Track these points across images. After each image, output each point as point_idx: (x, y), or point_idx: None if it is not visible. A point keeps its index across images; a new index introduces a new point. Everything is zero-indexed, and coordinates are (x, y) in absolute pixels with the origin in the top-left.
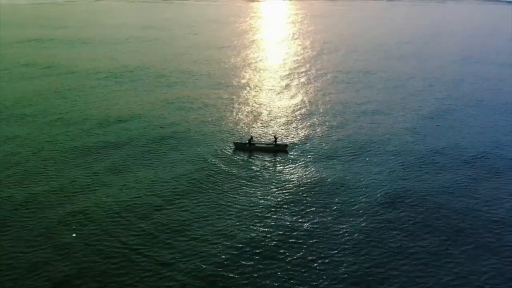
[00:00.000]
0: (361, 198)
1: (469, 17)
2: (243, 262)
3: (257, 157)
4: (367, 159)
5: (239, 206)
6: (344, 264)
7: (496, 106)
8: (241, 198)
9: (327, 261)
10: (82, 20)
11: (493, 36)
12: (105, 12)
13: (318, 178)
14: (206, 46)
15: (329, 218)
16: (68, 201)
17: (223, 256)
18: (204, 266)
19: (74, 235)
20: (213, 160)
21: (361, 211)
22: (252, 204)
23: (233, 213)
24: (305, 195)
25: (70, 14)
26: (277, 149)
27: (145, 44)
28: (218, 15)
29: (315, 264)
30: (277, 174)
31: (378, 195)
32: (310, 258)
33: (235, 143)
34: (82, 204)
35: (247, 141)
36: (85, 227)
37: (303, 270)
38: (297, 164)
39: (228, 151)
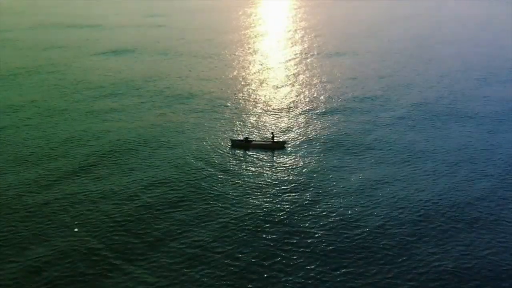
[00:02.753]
0: (360, 192)
1: (463, 12)
2: (238, 257)
3: (254, 154)
4: (365, 154)
5: (235, 204)
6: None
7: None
8: (237, 196)
9: (328, 257)
10: (83, 10)
11: (472, 25)
12: (105, 3)
13: (316, 175)
14: (201, 31)
15: (328, 215)
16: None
17: (216, 254)
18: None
19: (76, 230)
20: (208, 158)
21: (362, 205)
22: (249, 202)
23: (230, 211)
24: (303, 192)
25: (70, 7)
26: (274, 146)
27: (143, 29)
28: (217, 5)
29: (315, 257)
30: (275, 171)
31: (376, 188)
32: (305, 250)
33: (231, 140)
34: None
35: (244, 138)
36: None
37: (304, 270)
38: (295, 162)
39: (225, 149)
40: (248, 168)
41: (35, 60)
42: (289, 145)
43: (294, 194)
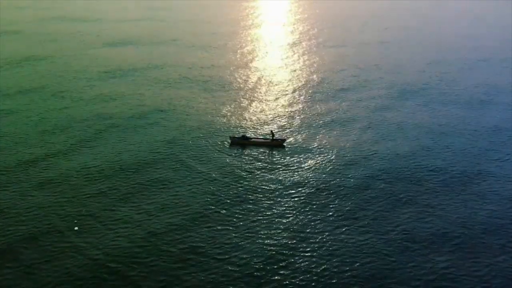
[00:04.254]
0: (360, 191)
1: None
2: (237, 255)
3: (253, 152)
4: (364, 150)
5: (233, 202)
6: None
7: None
8: (236, 194)
9: (332, 261)
10: (84, 6)
11: (466, 21)
12: (104, 2)
13: (316, 173)
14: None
15: (327, 213)
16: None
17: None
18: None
19: (76, 228)
20: (207, 155)
21: (360, 204)
22: (247, 201)
23: (227, 209)
24: (302, 190)
25: (71, 4)
26: (274, 144)
27: (142, 23)
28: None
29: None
30: (274, 169)
31: (378, 184)
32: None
33: (230, 138)
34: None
35: (244, 136)
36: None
37: (305, 274)
38: (294, 160)
39: (224, 146)
40: (247, 166)
41: (40, 50)
42: (288, 143)
43: (292, 191)
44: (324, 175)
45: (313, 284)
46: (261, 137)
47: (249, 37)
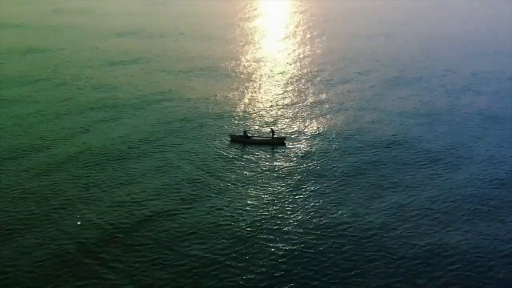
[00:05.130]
0: (360, 187)
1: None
2: (233, 255)
3: (254, 150)
4: (365, 149)
5: (232, 202)
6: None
7: None
8: (236, 193)
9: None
10: (85, 1)
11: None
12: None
13: (317, 172)
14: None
15: (326, 212)
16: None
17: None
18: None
19: (79, 223)
20: (206, 154)
21: (360, 201)
22: (247, 200)
23: (226, 209)
24: (303, 190)
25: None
26: (274, 142)
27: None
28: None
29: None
30: (275, 168)
31: (379, 183)
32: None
33: (230, 136)
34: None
35: (244, 134)
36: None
37: (303, 265)
38: (295, 158)
39: (223, 144)
40: (247, 165)
41: (43, 42)
42: (289, 141)
43: (292, 190)
44: (324, 174)
45: (303, 262)
46: (261, 135)
47: (248, 30)
